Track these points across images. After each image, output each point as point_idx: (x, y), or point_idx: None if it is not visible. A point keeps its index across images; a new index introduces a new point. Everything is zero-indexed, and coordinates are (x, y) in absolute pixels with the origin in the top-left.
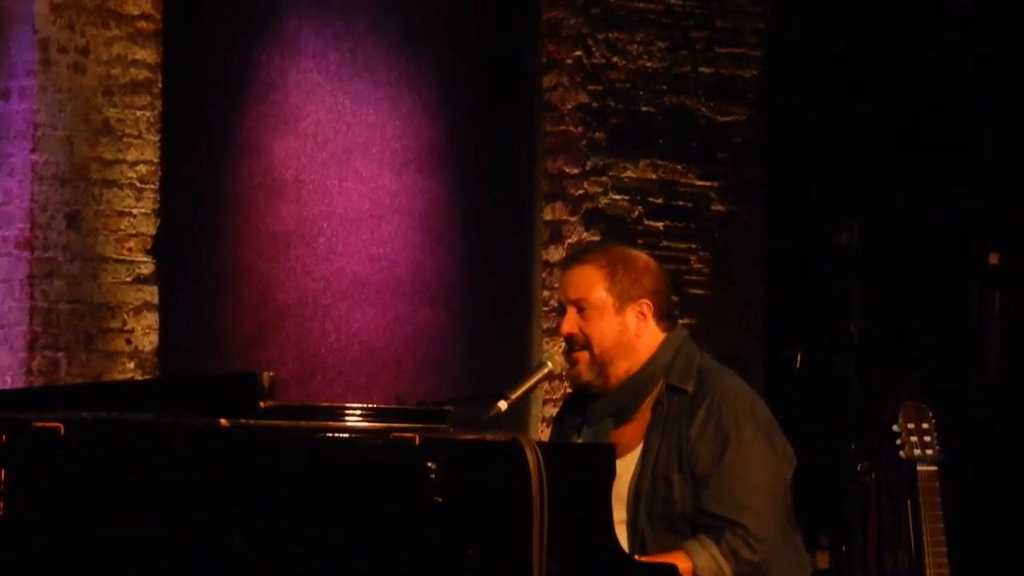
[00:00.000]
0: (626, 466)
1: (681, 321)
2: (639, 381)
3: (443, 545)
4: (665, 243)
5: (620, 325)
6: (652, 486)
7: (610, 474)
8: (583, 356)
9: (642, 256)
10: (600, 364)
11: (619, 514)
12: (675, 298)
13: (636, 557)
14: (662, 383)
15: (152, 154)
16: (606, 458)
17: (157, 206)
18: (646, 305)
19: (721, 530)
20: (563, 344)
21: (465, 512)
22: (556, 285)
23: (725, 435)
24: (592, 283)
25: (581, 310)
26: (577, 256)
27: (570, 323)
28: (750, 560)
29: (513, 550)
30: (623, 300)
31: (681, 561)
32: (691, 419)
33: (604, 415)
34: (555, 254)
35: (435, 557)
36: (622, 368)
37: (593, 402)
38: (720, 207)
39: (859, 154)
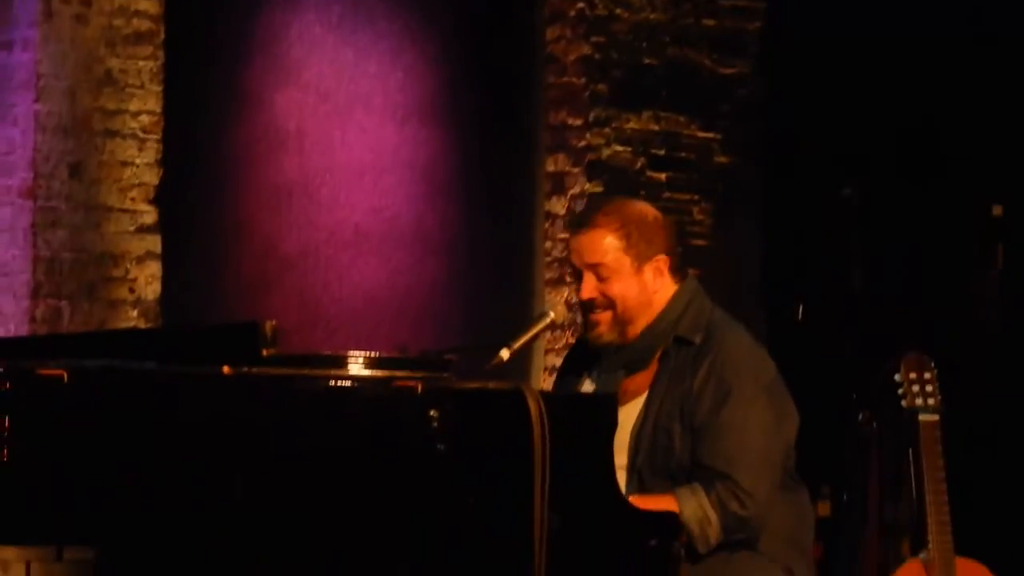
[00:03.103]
0: (629, 413)
1: None
2: (652, 334)
3: (444, 493)
4: (667, 194)
5: (640, 284)
6: (653, 435)
7: (612, 425)
8: (605, 317)
9: (651, 210)
10: (622, 323)
11: (619, 460)
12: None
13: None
14: (671, 335)
15: (155, 104)
16: (608, 409)
17: (160, 156)
18: (662, 261)
19: (713, 481)
20: (578, 307)
21: (467, 461)
22: (560, 237)
23: (726, 390)
24: (609, 247)
25: (600, 274)
26: (588, 220)
27: (589, 288)
28: (737, 514)
29: (515, 499)
30: (641, 260)
31: (669, 505)
32: (695, 372)
33: (617, 367)
34: (557, 206)
35: (436, 505)
36: (640, 324)
37: (604, 353)
38: (722, 159)
39: (863, 108)
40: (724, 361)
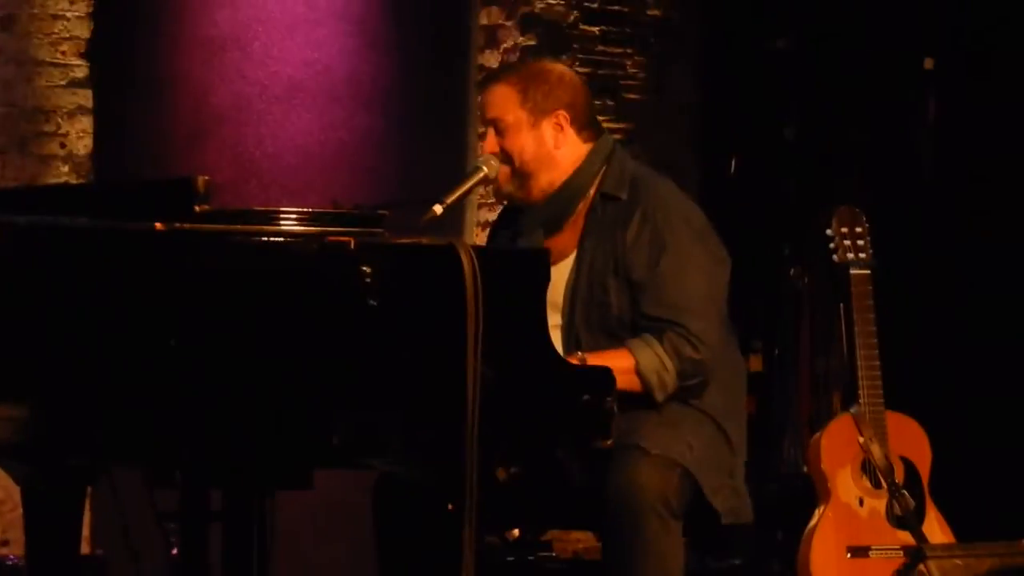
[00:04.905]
0: (560, 273)
1: (617, 126)
2: (568, 191)
3: (378, 349)
4: (600, 48)
5: (537, 140)
6: (588, 291)
7: (545, 279)
8: (504, 170)
9: (557, 68)
10: (520, 177)
11: (554, 319)
12: (610, 103)
13: (581, 353)
14: (594, 192)
15: None
16: (542, 262)
17: (91, 10)
18: (563, 116)
19: (663, 330)
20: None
21: (400, 316)
22: None
23: (661, 242)
24: (505, 102)
25: (499, 129)
26: (493, 76)
27: (490, 143)
28: (692, 358)
29: (448, 354)
30: (537, 115)
31: (624, 359)
32: (626, 225)
33: (535, 226)
34: (491, 59)
35: (370, 361)
36: (544, 180)
37: (522, 215)
38: (656, 12)
39: None
40: (655, 210)
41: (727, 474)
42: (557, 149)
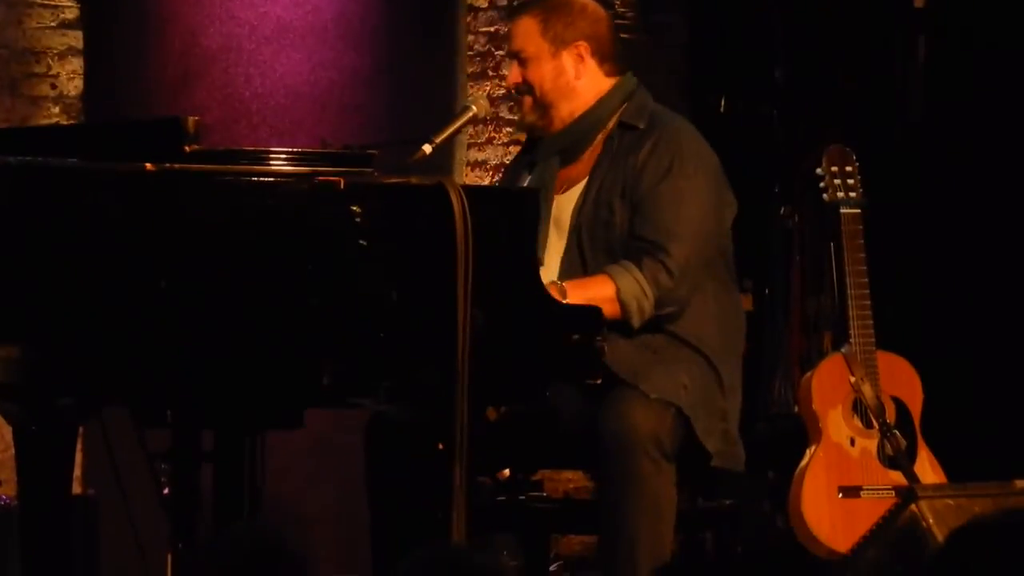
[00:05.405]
0: (571, 197)
1: None
2: (587, 122)
3: (368, 288)
4: None
5: (557, 70)
6: (594, 211)
7: (535, 219)
8: (527, 100)
9: (580, 0)
10: (542, 107)
11: (561, 241)
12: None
13: (560, 282)
14: (613, 123)
15: None
16: (532, 203)
17: None
18: (583, 47)
19: (642, 254)
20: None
21: (390, 256)
22: (482, 30)
23: (667, 166)
24: (527, 33)
25: (521, 60)
26: (517, 8)
27: (513, 74)
28: (668, 287)
29: (438, 294)
30: (557, 45)
31: (605, 285)
32: (639, 151)
33: (550, 154)
34: None
35: (360, 300)
36: (565, 110)
37: (541, 143)
38: None
39: None
40: (669, 141)
41: (719, 417)
42: (577, 80)
